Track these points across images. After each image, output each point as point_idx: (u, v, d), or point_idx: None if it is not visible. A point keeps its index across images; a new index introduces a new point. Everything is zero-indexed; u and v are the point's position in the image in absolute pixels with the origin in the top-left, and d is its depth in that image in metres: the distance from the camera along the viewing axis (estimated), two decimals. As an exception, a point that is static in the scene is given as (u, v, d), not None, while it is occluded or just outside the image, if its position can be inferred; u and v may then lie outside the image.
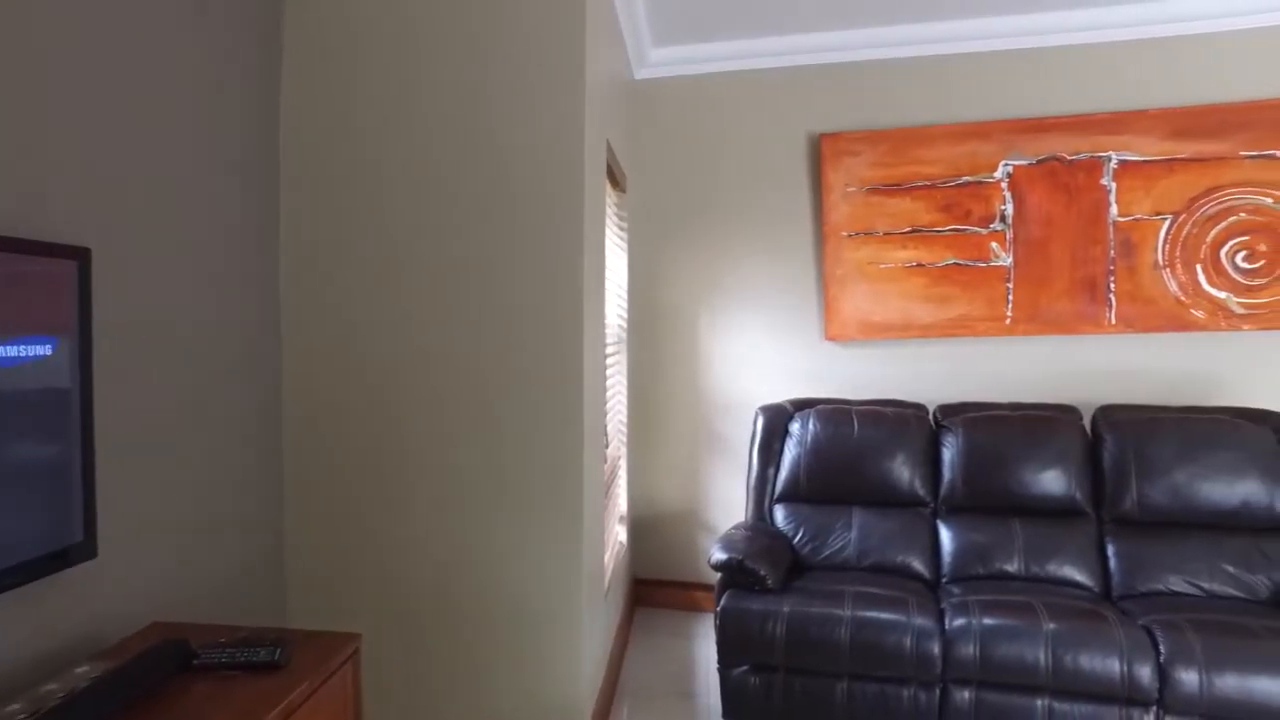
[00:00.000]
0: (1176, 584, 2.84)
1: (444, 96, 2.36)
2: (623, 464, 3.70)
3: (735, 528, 3.18)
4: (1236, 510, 2.87)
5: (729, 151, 3.78)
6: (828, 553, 3.16)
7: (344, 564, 2.45)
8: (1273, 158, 3.30)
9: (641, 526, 3.93)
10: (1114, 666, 2.43)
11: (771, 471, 3.38)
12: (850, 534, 3.17)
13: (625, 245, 3.74)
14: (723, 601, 2.76)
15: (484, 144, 2.34)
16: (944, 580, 3.04)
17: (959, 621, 2.60)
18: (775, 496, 3.35)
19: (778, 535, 3.19)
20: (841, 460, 3.25)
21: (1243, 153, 3.32)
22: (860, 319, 3.65)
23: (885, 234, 3.60)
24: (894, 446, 3.23)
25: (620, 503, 3.64)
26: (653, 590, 3.93)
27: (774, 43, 3.62)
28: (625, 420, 3.80)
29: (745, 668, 2.72)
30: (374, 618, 2.42)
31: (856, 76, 3.64)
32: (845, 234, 3.64)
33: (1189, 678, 2.38)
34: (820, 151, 3.64)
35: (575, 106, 2.32)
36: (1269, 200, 3.31)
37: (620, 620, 3.41)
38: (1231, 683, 2.34)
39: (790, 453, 3.33)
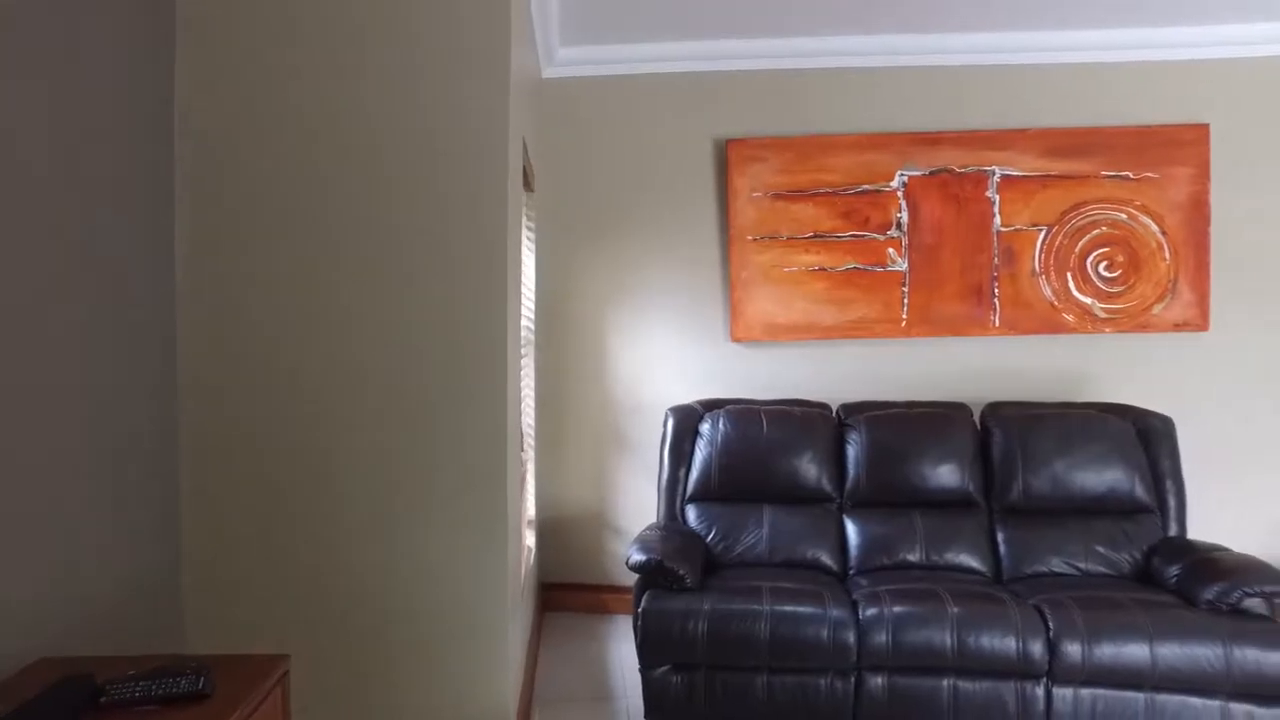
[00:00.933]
0: (1057, 565, 3.09)
1: (361, 90, 2.23)
2: (530, 468, 3.64)
3: (650, 528, 3.19)
4: (1104, 496, 3.15)
5: (637, 154, 3.80)
6: (740, 550, 3.22)
7: (250, 582, 2.27)
8: (1126, 178, 3.66)
9: (548, 530, 3.89)
10: (1011, 644, 2.61)
11: (683, 472, 3.41)
12: (762, 531, 3.25)
13: (533, 245, 3.69)
14: (644, 603, 2.76)
15: (405, 140, 2.24)
16: (852, 572, 3.17)
17: (872, 611, 2.71)
18: (687, 496, 3.38)
19: (691, 535, 3.23)
20: (752, 459, 3.32)
21: (1103, 172, 3.67)
22: (765, 321, 3.75)
23: (789, 238, 3.72)
24: (801, 445, 3.33)
25: (528, 507, 3.58)
26: (560, 594, 3.89)
27: (683, 48, 3.67)
28: (533, 423, 3.74)
29: (667, 667, 2.73)
30: (291, 635, 2.26)
31: (762, 84, 3.75)
32: (751, 238, 3.73)
33: (1074, 649, 2.58)
34: (727, 157, 3.72)
35: (500, 103, 2.26)
36: (1123, 216, 3.67)
37: (531, 625, 3.36)
38: (1107, 650, 2.57)
39: (701, 453, 3.38)
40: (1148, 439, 3.22)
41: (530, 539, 3.57)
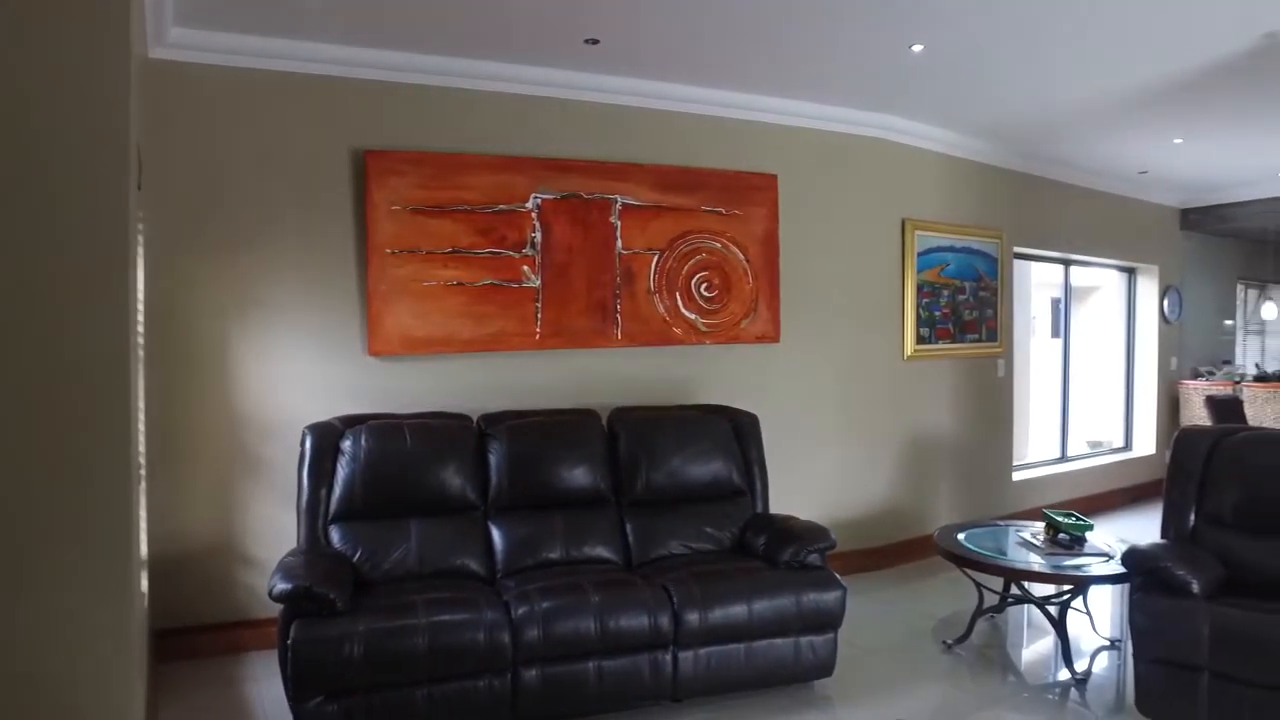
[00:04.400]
0: (675, 547, 3.56)
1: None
2: (140, 500, 3.17)
3: (291, 554, 3.02)
4: (710, 484, 3.71)
5: (268, 157, 3.53)
6: (389, 566, 3.18)
7: None
8: (720, 213, 4.36)
9: (163, 570, 3.41)
10: (644, 621, 2.96)
11: (324, 492, 3.27)
12: (410, 544, 3.24)
13: (141, 250, 3.22)
14: (292, 633, 2.61)
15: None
16: (499, 575, 3.30)
17: (523, 609, 2.88)
18: (330, 517, 3.25)
19: (337, 556, 3.12)
20: (396, 474, 3.30)
21: (703, 207, 4.32)
22: (404, 334, 3.73)
23: (428, 253, 3.75)
24: (445, 457, 3.39)
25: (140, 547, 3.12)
26: (179, 640, 3.44)
27: (324, 49, 3.50)
28: (143, 450, 3.26)
29: (321, 698, 2.62)
30: None
31: (405, 98, 3.73)
32: (389, 251, 3.68)
33: (693, 617, 3.02)
34: (365, 168, 3.63)
35: (120, 82, 1.98)
36: (719, 245, 4.36)
37: (146, 685, 2.93)
38: (718, 613, 3.05)
39: (344, 471, 3.27)
40: (740, 433, 3.86)
41: (143, 583, 3.12)
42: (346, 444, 3.31)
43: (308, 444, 3.29)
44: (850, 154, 4.84)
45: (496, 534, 3.41)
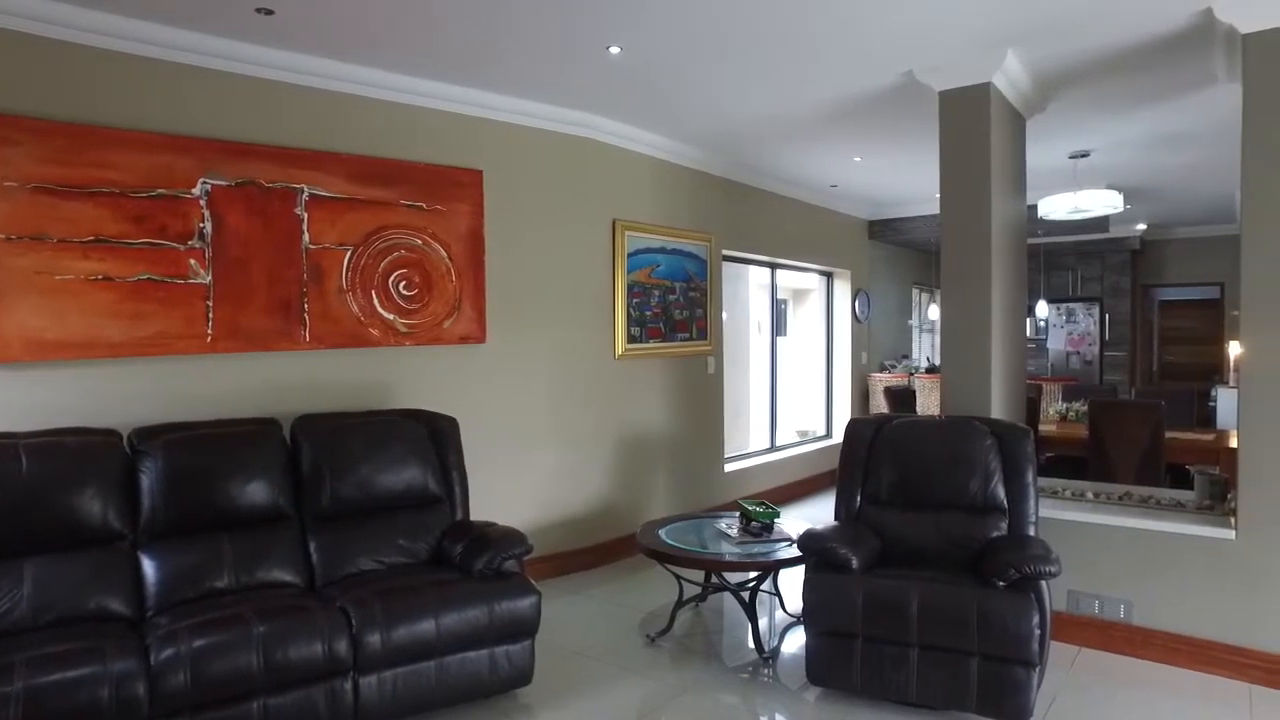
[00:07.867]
0: (365, 563, 3.32)
1: None
2: None
3: None
4: (404, 493, 3.51)
5: None
6: (-10, 621, 2.64)
7: None
8: (421, 208, 4.14)
9: None
10: (317, 649, 2.71)
11: (-115, 541, 2.64)
12: (22, 591, 2.71)
13: None
14: None
15: None
16: (150, 614, 2.87)
17: (167, 652, 2.52)
18: (-107, 570, 2.63)
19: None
20: (2, 507, 2.74)
21: (402, 201, 4.07)
22: (29, 337, 3.12)
23: (61, 241, 3.17)
24: (79, 480, 2.89)
25: None
26: None
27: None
28: None
29: None
30: None
31: (24, 50, 3.08)
32: (4, 237, 3.07)
33: (374, 639, 2.83)
34: (-37, 133, 2.99)
35: None
36: (419, 241, 4.14)
37: None
38: (403, 632, 2.88)
39: (-81, 511, 2.67)
40: (438, 438, 3.68)
41: None
42: (-73, 476, 2.70)
43: None
44: (559, 152, 4.83)
45: (148, 565, 2.97)
